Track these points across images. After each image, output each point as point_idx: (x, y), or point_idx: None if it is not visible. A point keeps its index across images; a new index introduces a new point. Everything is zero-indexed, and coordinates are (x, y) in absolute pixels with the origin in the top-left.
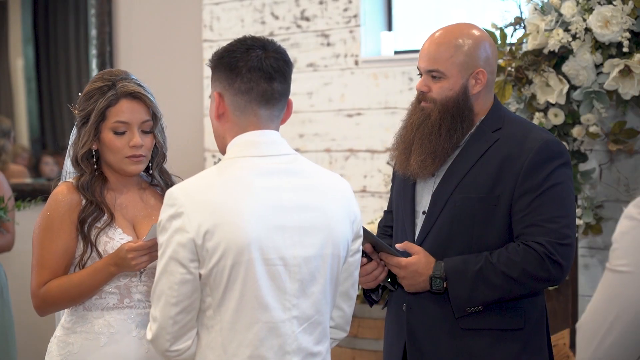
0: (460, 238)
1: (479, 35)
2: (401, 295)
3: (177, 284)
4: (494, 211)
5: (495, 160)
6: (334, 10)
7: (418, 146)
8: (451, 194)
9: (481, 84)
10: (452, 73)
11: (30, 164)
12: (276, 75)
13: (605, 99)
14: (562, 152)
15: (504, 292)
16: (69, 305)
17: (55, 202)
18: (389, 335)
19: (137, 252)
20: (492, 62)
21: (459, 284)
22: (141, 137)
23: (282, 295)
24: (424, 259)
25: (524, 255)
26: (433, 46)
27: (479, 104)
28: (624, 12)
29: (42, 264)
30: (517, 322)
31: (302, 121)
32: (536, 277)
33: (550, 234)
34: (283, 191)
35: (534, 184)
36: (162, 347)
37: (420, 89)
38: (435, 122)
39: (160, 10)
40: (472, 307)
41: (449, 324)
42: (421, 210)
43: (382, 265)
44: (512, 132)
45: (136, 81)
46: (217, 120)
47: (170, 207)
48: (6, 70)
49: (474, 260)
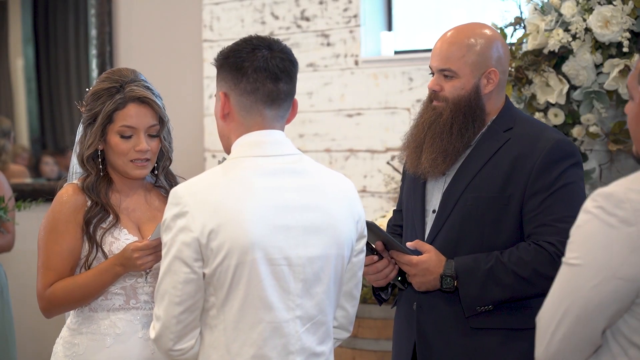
0: (471, 237)
1: (491, 34)
2: (411, 294)
3: (181, 283)
4: (505, 211)
5: (506, 159)
6: (334, 10)
7: (429, 145)
8: (462, 193)
9: (493, 83)
10: (464, 72)
11: (30, 164)
12: (282, 76)
13: (605, 99)
14: (573, 152)
15: (514, 291)
16: (76, 306)
17: (60, 203)
18: (398, 334)
19: (143, 252)
20: (504, 62)
21: (469, 282)
22: (147, 142)
23: (286, 295)
24: (434, 257)
25: (534, 254)
26: (445, 45)
27: (491, 103)
28: (624, 12)
29: (47, 265)
30: (527, 322)
31: (302, 121)
32: (547, 277)
33: (561, 233)
34: (287, 191)
35: (545, 184)
36: (166, 346)
37: (433, 88)
38: (447, 121)
39: (160, 10)
40: (483, 306)
41: (459, 323)
42: (431, 209)
43: (392, 263)
44: (524, 131)
45: (145, 84)
46: (223, 120)
47: (175, 206)
48: (6, 70)
49: (485, 259)
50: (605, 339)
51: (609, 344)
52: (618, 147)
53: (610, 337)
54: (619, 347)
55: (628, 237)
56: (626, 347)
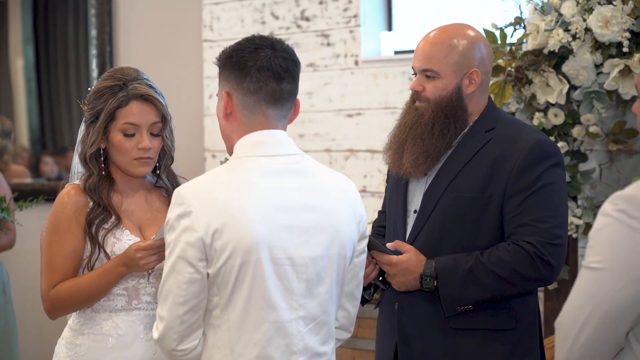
0: (452, 237)
1: (473, 35)
2: (393, 294)
3: (185, 283)
4: (486, 211)
5: (487, 160)
6: (334, 10)
7: (411, 145)
8: (442, 193)
9: (475, 84)
10: (445, 73)
11: (30, 164)
12: (285, 75)
13: (605, 99)
14: (554, 153)
15: (494, 291)
16: (80, 307)
17: (62, 204)
18: (380, 335)
19: (146, 252)
20: (487, 63)
21: (449, 282)
22: (150, 140)
23: (289, 295)
24: (414, 257)
25: (514, 254)
26: (427, 46)
27: (473, 104)
28: (624, 12)
29: (50, 266)
30: (508, 322)
31: (302, 121)
32: (526, 277)
33: (540, 233)
34: (289, 191)
35: (526, 184)
36: (169, 347)
37: (415, 89)
38: (429, 122)
39: (160, 10)
40: (463, 306)
41: (440, 323)
42: (413, 209)
43: (373, 263)
44: (505, 132)
45: (147, 82)
46: (225, 120)
47: (179, 206)
48: (6, 70)
49: (465, 259)
50: (628, 341)
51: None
52: (618, 147)
53: (632, 339)
54: None
55: None
56: None
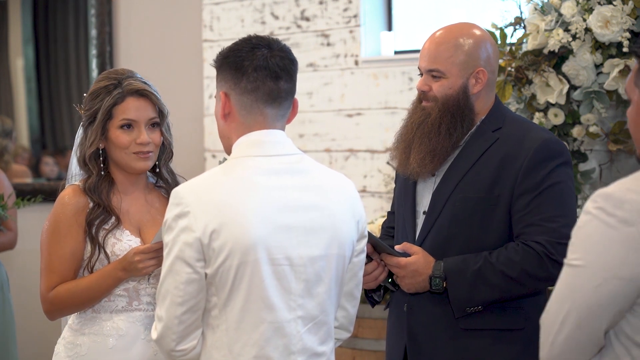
0: (460, 238)
1: (479, 34)
2: (402, 296)
3: (183, 283)
4: (494, 211)
5: (494, 159)
6: (334, 10)
7: (418, 145)
8: (451, 193)
9: (481, 83)
10: (452, 72)
11: (30, 164)
12: (282, 74)
13: (605, 99)
14: (562, 152)
15: (503, 291)
16: (79, 309)
17: (62, 205)
18: (390, 336)
19: (145, 255)
20: (493, 62)
21: (458, 283)
22: (148, 134)
23: (288, 295)
24: (423, 258)
25: (523, 254)
26: (433, 46)
27: (480, 103)
28: (624, 12)
29: (50, 268)
30: (518, 322)
31: (302, 121)
32: (535, 277)
33: (549, 233)
34: (288, 191)
35: (533, 183)
36: (168, 347)
37: (421, 89)
38: (435, 121)
39: (160, 10)
40: (472, 306)
41: (449, 324)
42: (422, 210)
43: (382, 265)
44: (512, 131)
45: (142, 79)
46: (223, 120)
47: (176, 207)
48: (6, 70)
49: (474, 259)
50: (609, 339)
51: (612, 344)
52: (618, 147)
53: (613, 338)
54: (622, 347)
55: (628, 238)
56: (629, 347)
